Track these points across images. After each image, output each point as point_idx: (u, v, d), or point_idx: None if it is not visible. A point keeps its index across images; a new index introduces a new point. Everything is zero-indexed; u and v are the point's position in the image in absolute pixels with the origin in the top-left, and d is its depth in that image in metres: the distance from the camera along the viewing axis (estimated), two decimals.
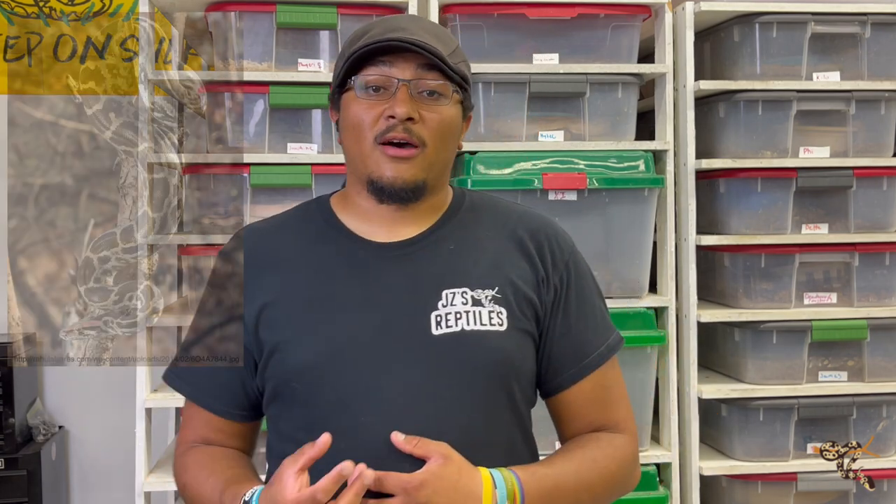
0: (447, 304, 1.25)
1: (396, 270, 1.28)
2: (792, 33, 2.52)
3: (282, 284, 1.29)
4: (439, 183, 1.32)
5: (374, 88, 1.25)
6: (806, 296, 2.55)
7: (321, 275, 1.28)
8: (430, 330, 1.24)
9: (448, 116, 1.27)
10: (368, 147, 1.25)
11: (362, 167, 1.27)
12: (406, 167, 1.24)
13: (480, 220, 1.35)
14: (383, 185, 1.25)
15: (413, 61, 1.24)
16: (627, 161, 2.46)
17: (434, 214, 1.33)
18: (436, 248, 1.30)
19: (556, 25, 2.47)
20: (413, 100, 1.24)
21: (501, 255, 1.31)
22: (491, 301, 1.27)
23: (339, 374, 1.22)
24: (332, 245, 1.31)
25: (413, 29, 1.25)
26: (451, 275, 1.28)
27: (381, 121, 1.23)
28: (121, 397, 2.78)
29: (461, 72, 1.28)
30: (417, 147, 1.24)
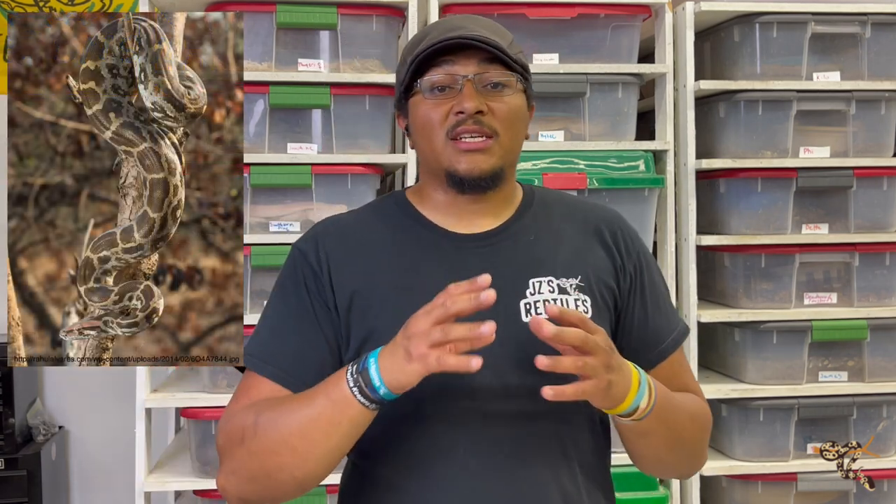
0: (535, 292, 1.29)
1: (481, 260, 1.30)
2: (792, 33, 2.52)
3: (370, 272, 1.30)
4: (512, 171, 1.35)
5: (439, 88, 1.27)
6: (806, 296, 2.55)
7: (408, 263, 1.30)
8: (520, 317, 1.27)
9: (515, 105, 1.29)
10: (441, 143, 1.27)
11: (437, 164, 1.30)
12: (482, 157, 1.27)
13: (555, 212, 1.38)
14: (462, 177, 1.27)
15: (474, 57, 1.27)
16: (627, 161, 2.46)
17: (509, 208, 1.36)
18: (517, 238, 1.33)
19: (556, 25, 2.47)
20: (479, 94, 1.26)
21: (580, 244, 1.35)
22: (576, 289, 1.31)
23: None
24: (415, 235, 1.33)
25: (470, 26, 1.29)
26: (535, 264, 1.31)
27: (450, 117, 1.26)
28: (121, 397, 2.79)
29: (522, 62, 1.31)
30: (491, 137, 1.27)
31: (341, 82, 2.39)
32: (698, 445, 1.39)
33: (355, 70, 2.42)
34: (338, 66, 2.41)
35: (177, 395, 2.38)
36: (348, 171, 2.39)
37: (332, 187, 2.39)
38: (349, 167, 2.39)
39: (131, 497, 2.35)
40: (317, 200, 2.39)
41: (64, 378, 3.14)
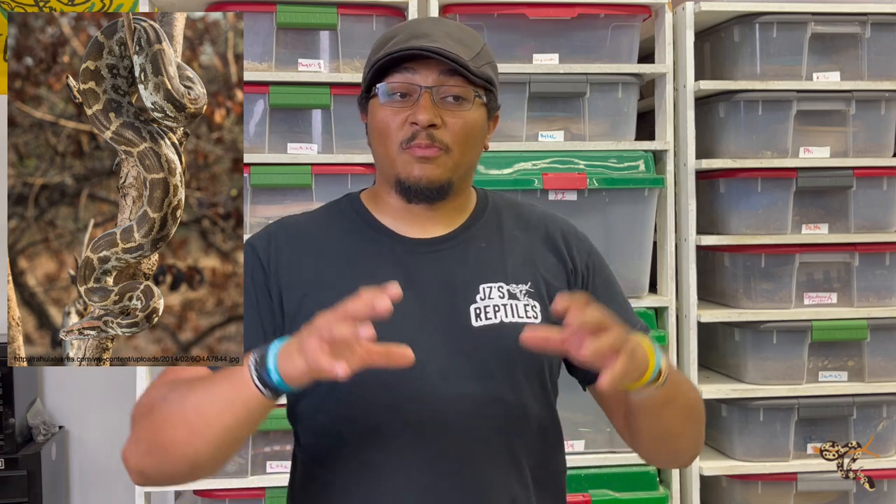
0: (485, 297, 1.30)
1: (433, 265, 1.31)
2: (792, 33, 2.52)
3: (322, 276, 1.30)
4: (465, 184, 1.36)
5: (398, 94, 1.28)
6: (806, 296, 2.55)
7: (359, 267, 1.31)
8: (469, 322, 1.28)
9: (471, 120, 1.30)
10: (395, 151, 1.28)
11: (390, 169, 1.31)
12: (431, 167, 1.27)
13: (506, 218, 1.40)
14: (410, 185, 1.28)
15: (435, 68, 1.27)
16: (627, 161, 2.46)
17: (462, 214, 1.37)
18: (468, 245, 1.34)
19: (556, 25, 2.47)
20: (435, 106, 1.26)
21: (531, 251, 1.36)
22: (525, 295, 1.32)
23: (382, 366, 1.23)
24: (368, 239, 1.34)
25: (436, 34, 1.28)
26: (486, 270, 1.32)
27: (405, 127, 1.27)
28: (121, 397, 2.78)
29: (485, 75, 1.30)
30: (442, 150, 1.27)
31: (341, 82, 2.39)
32: (701, 416, 1.41)
33: (355, 70, 2.42)
34: (338, 66, 2.41)
35: None
36: (348, 171, 2.39)
37: (332, 187, 2.39)
38: (349, 167, 2.39)
39: (131, 497, 2.35)
40: (317, 200, 2.39)
41: (64, 378, 3.14)
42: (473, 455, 1.25)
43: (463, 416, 1.24)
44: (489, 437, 1.27)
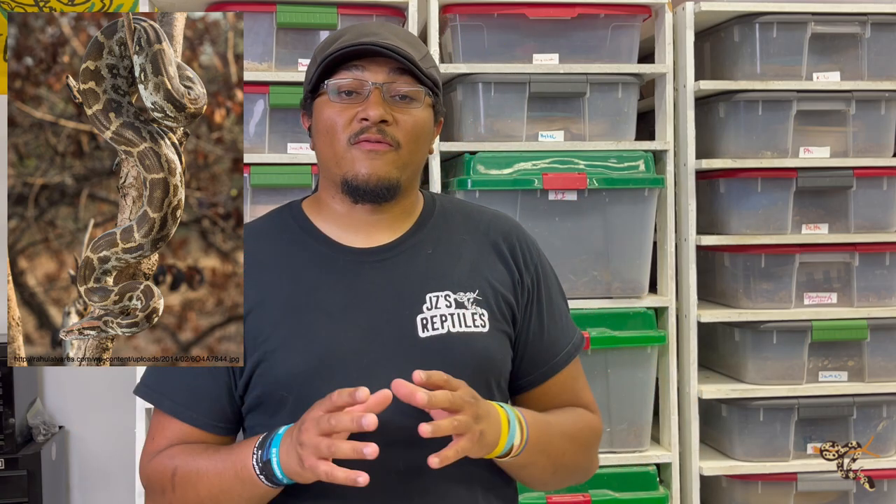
0: (431, 307, 1.28)
1: (378, 275, 1.29)
2: (792, 33, 2.52)
3: (263, 291, 1.29)
4: (412, 185, 1.34)
5: (346, 92, 1.26)
6: (806, 296, 2.55)
7: (302, 281, 1.29)
8: (416, 333, 1.26)
9: (421, 119, 1.29)
10: (342, 148, 1.26)
11: (336, 169, 1.28)
12: (381, 164, 1.25)
13: (454, 224, 1.37)
14: (358, 184, 1.26)
15: (385, 66, 1.26)
16: (627, 161, 2.46)
17: (408, 219, 1.35)
18: (414, 252, 1.32)
19: (556, 25, 2.47)
20: (386, 103, 1.25)
21: (478, 258, 1.34)
22: (473, 303, 1.30)
23: (329, 380, 1.22)
24: (310, 251, 1.32)
25: (384, 34, 1.27)
26: (432, 278, 1.30)
27: (354, 123, 1.25)
28: (121, 397, 2.79)
29: (433, 76, 1.30)
30: (392, 146, 1.26)
31: None
32: (582, 463, 1.40)
33: None
34: None
35: None
36: None
37: None
38: None
39: (131, 497, 2.35)
40: None
41: (64, 378, 3.14)
42: (424, 473, 1.21)
43: (410, 431, 1.16)
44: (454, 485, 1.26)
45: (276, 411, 1.27)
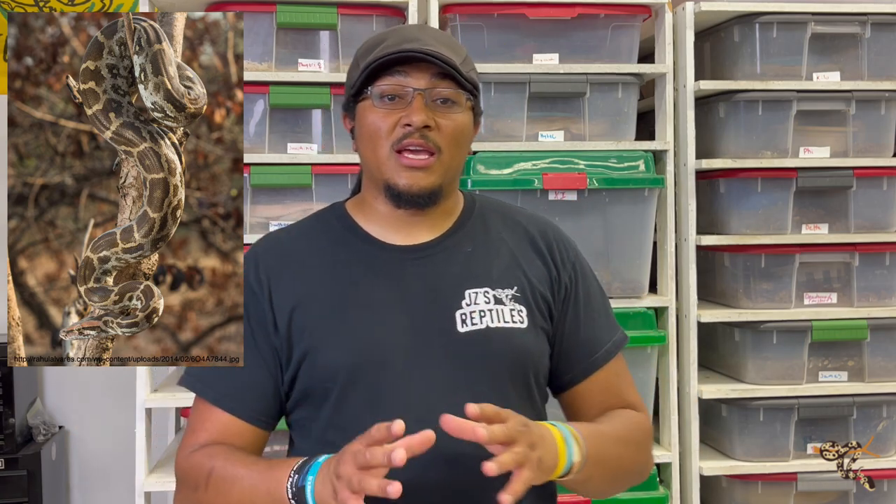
0: (471, 302, 1.30)
1: (418, 272, 1.32)
2: (792, 33, 2.52)
3: (308, 288, 1.32)
4: (452, 188, 1.36)
5: (389, 97, 1.29)
6: (806, 296, 2.55)
7: (345, 278, 1.32)
8: (455, 328, 1.28)
9: (462, 123, 1.31)
10: (385, 154, 1.29)
11: (379, 174, 1.31)
12: (422, 175, 1.28)
13: (493, 222, 1.40)
14: (400, 192, 1.29)
15: (427, 71, 1.28)
16: (627, 161, 2.46)
17: (448, 219, 1.37)
18: (454, 250, 1.34)
19: (556, 25, 2.47)
20: (428, 108, 1.27)
21: (516, 255, 1.36)
22: (511, 300, 1.32)
23: (371, 373, 1.26)
24: (353, 249, 1.34)
25: (426, 39, 1.29)
26: (471, 275, 1.32)
27: (397, 129, 1.27)
28: (121, 397, 2.79)
29: (473, 80, 1.32)
30: (434, 154, 1.28)
31: (341, 82, 2.39)
32: (639, 465, 1.40)
33: None
34: (338, 66, 2.41)
35: (177, 395, 2.38)
36: (348, 171, 2.39)
37: (332, 187, 2.39)
38: (349, 167, 2.39)
39: (131, 497, 2.35)
40: (317, 200, 2.39)
41: (64, 378, 3.14)
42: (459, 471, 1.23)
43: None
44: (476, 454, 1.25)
45: (321, 404, 1.29)
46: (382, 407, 1.24)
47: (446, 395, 1.24)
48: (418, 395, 1.25)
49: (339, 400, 1.26)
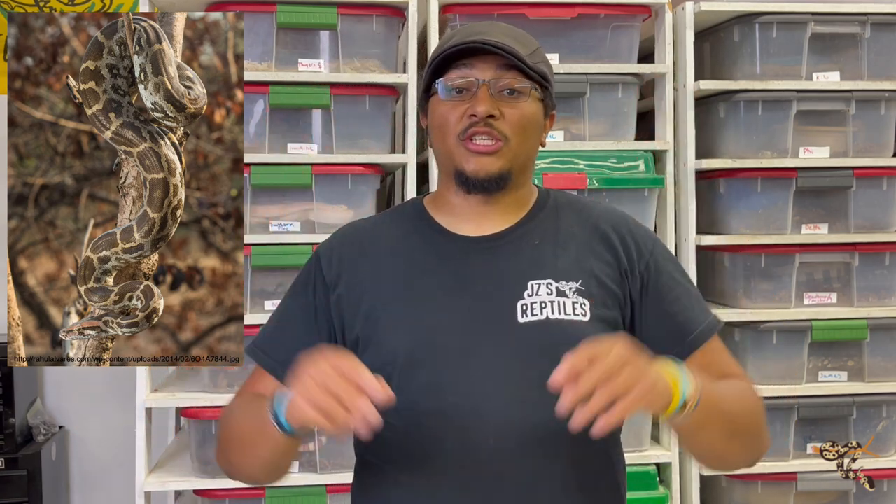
0: (532, 294, 1.30)
1: (483, 262, 1.33)
2: (792, 33, 2.52)
3: (377, 273, 1.34)
4: (524, 177, 1.37)
5: (457, 90, 1.30)
6: (806, 296, 2.55)
7: (412, 265, 1.34)
8: (516, 318, 1.29)
9: (529, 112, 1.31)
10: (453, 143, 1.31)
11: (449, 162, 1.33)
12: (489, 160, 1.30)
13: (564, 217, 1.40)
14: (468, 176, 1.30)
15: (493, 62, 1.29)
16: (627, 161, 2.46)
17: (520, 210, 1.38)
18: (521, 242, 1.35)
19: (556, 25, 2.47)
20: (493, 98, 1.29)
21: (584, 250, 1.36)
22: (575, 293, 1.32)
23: (430, 358, 1.28)
24: (424, 238, 1.37)
25: (493, 32, 1.31)
26: (536, 267, 1.33)
27: (463, 119, 1.29)
28: (121, 397, 2.78)
29: (540, 70, 1.32)
30: (501, 141, 1.29)
31: (341, 82, 2.39)
32: (754, 428, 1.35)
33: (355, 70, 2.42)
34: (338, 66, 2.41)
35: (177, 395, 2.38)
36: (348, 171, 2.39)
37: (332, 187, 2.39)
38: (349, 167, 2.39)
39: (131, 497, 2.35)
40: (317, 200, 2.39)
41: (64, 378, 3.14)
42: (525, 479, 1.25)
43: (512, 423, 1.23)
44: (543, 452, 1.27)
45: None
46: (440, 392, 1.26)
47: (503, 383, 1.26)
48: (475, 383, 1.26)
49: (398, 384, 1.26)
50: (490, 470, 1.25)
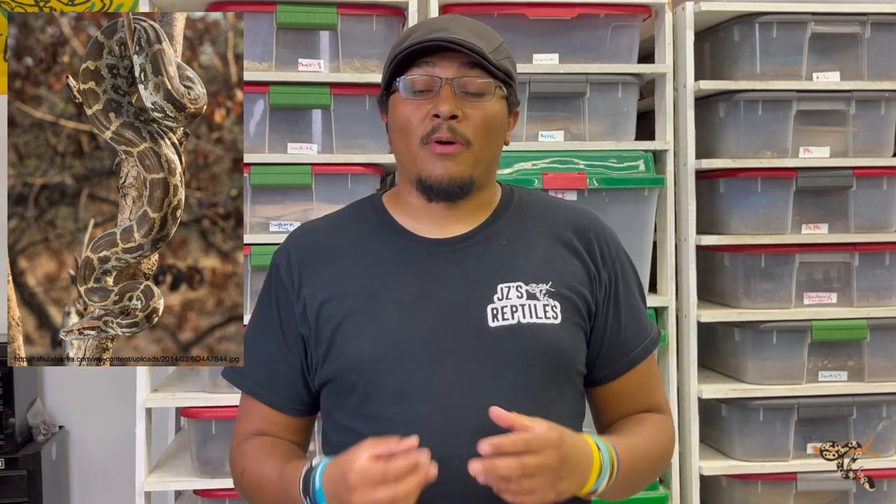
0: (503, 297, 1.28)
1: (450, 265, 1.30)
2: (792, 33, 2.52)
3: (339, 279, 1.31)
4: (487, 180, 1.34)
5: (419, 90, 1.27)
6: (806, 296, 2.55)
7: (376, 270, 1.31)
8: (486, 322, 1.26)
9: (492, 113, 1.28)
10: (416, 147, 1.27)
11: (411, 167, 1.29)
12: (452, 164, 1.26)
13: (530, 217, 1.37)
14: (432, 184, 1.27)
15: (455, 60, 1.26)
16: (627, 161, 2.46)
17: (484, 212, 1.35)
18: (488, 244, 1.32)
19: (556, 25, 2.47)
20: (456, 98, 1.26)
21: (553, 251, 1.34)
22: (545, 295, 1.30)
23: (397, 365, 1.25)
24: (386, 241, 1.33)
25: (455, 28, 1.28)
26: (504, 269, 1.30)
27: (426, 120, 1.26)
28: (121, 397, 2.79)
29: (504, 68, 1.29)
30: (462, 144, 1.26)
31: (341, 82, 2.39)
32: (660, 471, 1.40)
33: (355, 70, 2.42)
34: (338, 66, 2.41)
35: (177, 395, 2.38)
36: (348, 171, 2.39)
37: (332, 187, 2.39)
38: (349, 167, 2.39)
39: (131, 497, 2.35)
40: (317, 200, 2.39)
41: (64, 378, 3.14)
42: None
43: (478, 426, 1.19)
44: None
45: (347, 395, 1.29)
46: (408, 400, 1.24)
47: (473, 390, 1.23)
48: (445, 390, 1.23)
49: (365, 391, 1.26)
50: (462, 478, 1.21)
